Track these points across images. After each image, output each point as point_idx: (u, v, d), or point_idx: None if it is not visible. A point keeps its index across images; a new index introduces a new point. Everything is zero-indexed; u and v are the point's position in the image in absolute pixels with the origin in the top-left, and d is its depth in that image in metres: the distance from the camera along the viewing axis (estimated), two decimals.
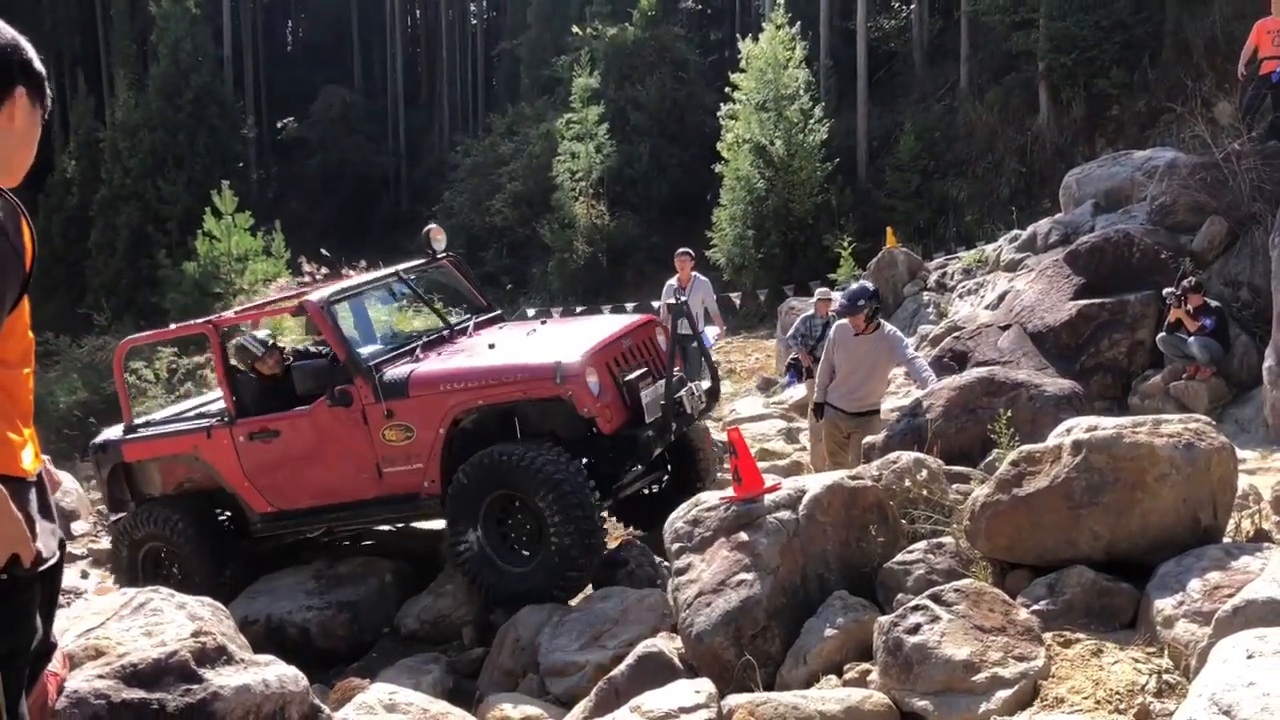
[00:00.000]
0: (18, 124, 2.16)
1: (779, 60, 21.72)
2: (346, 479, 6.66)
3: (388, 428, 6.45)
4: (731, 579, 4.42)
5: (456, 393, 6.35)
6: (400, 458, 6.47)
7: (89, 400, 22.43)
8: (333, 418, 6.56)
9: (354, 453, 6.57)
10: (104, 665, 2.80)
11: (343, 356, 6.59)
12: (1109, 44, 19.10)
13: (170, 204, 30.87)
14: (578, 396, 6.15)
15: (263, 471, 6.92)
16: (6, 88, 2.12)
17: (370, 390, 6.44)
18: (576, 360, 6.22)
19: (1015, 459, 4.18)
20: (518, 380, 6.30)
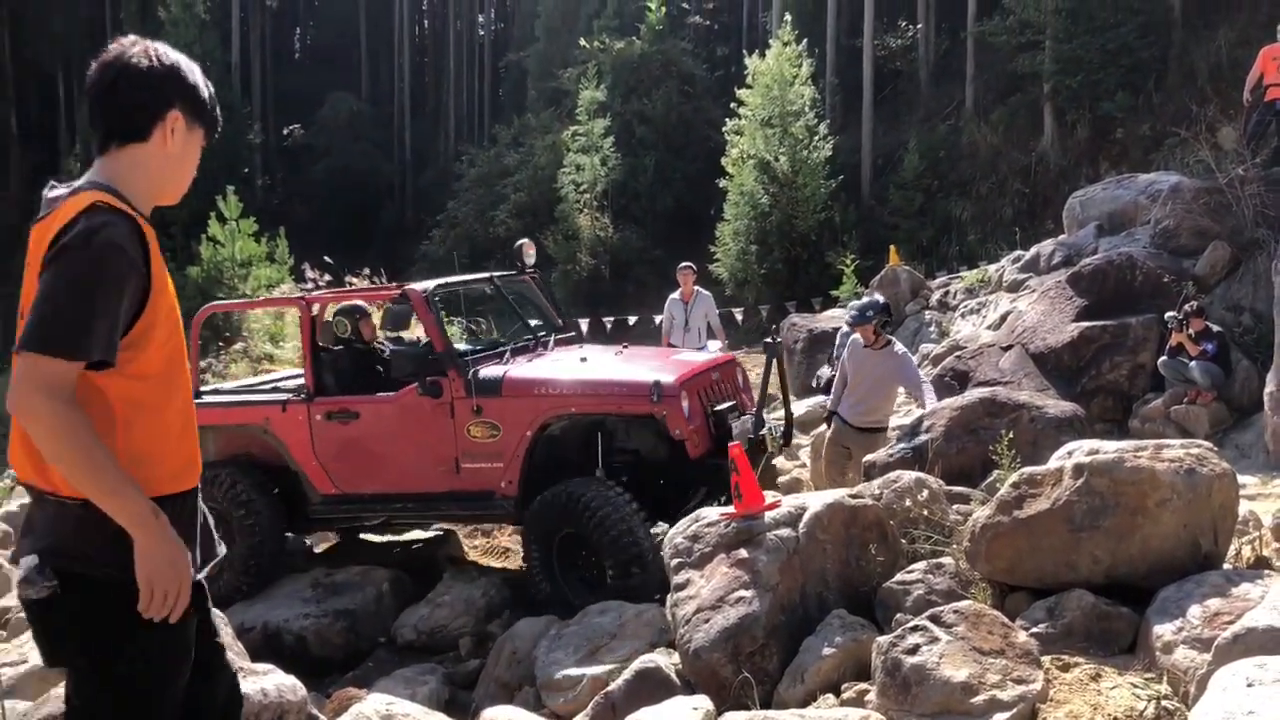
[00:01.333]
0: (172, 146, 2.27)
1: (785, 77, 21.80)
2: (421, 470, 6.66)
3: (474, 424, 6.48)
4: (730, 595, 4.41)
5: (550, 398, 6.43)
6: (482, 455, 6.50)
7: None
8: (419, 407, 6.58)
9: (434, 444, 6.59)
10: None
11: (440, 348, 6.62)
12: (1114, 67, 19.17)
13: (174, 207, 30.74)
14: (671, 417, 6.25)
15: (334, 452, 6.92)
16: (162, 110, 2.23)
17: (462, 384, 6.49)
18: (673, 381, 6.33)
19: (1016, 481, 4.18)
20: (614, 394, 6.40)
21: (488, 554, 8.16)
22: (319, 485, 6.98)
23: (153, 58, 2.24)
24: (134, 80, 2.22)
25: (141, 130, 2.24)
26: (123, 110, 2.23)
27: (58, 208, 2.17)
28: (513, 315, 7.95)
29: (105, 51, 2.28)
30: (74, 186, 2.22)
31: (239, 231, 23.09)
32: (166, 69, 2.25)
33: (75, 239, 2.07)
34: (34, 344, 2.04)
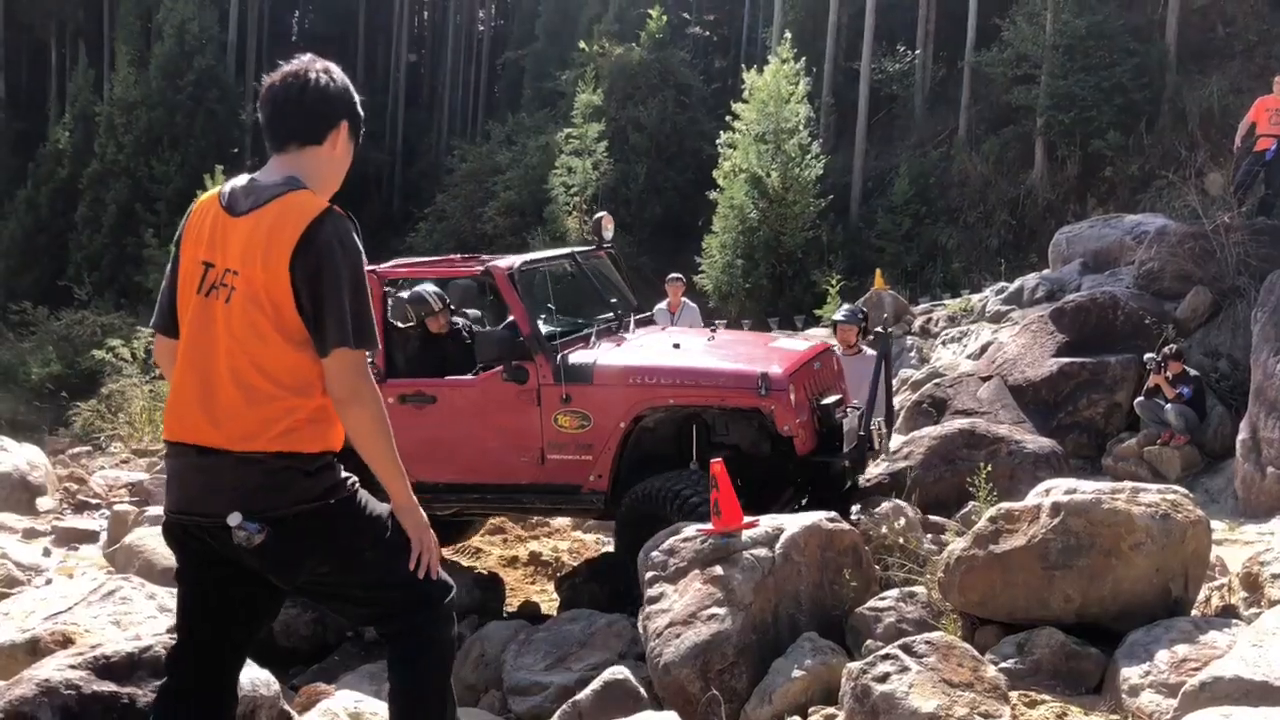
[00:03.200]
0: (338, 151, 2.67)
1: (781, 94, 21.87)
2: (503, 459, 6.25)
3: (562, 413, 6.07)
4: (703, 612, 4.43)
5: (647, 388, 6.02)
6: (570, 446, 6.09)
7: (63, 374, 22.26)
8: (503, 393, 6.16)
9: (518, 433, 6.19)
10: (75, 655, 2.78)
11: (526, 331, 6.18)
12: (1108, 106, 19.35)
13: (161, 184, 30.73)
14: (780, 412, 5.81)
15: (407, 437, 6.38)
16: (336, 122, 2.64)
17: (550, 370, 6.07)
18: (780, 373, 5.90)
19: (994, 515, 4.22)
20: (717, 385, 5.97)
21: (459, 553, 8.14)
22: (424, 474, 6.46)
23: (332, 77, 2.65)
24: (317, 94, 2.62)
25: (319, 136, 2.63)
26: (307, 118, 2.62)
27: (275, 203, 2.50)
28: (591, 294, 7.38)
29: (287, 67, 2.68)
30: (276, 182, 2.56)
31: None
32: (341, 88, 2.66)
33: (335, 240, 2.47)
34: (350, 340, 2.46)
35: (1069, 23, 19.91)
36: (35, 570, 7.46)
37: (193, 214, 2.67)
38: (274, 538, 2.44)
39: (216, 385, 2.48)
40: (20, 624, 3.47)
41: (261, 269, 2.46)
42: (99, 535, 8.89)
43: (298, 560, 2.53)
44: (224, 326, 2.49)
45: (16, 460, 10.26)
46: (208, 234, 2.57)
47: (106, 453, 14.04)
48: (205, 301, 2.53)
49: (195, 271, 2.56)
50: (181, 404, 2.54)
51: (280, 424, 2.47)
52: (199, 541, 2.54)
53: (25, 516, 9.43)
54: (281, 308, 2.46)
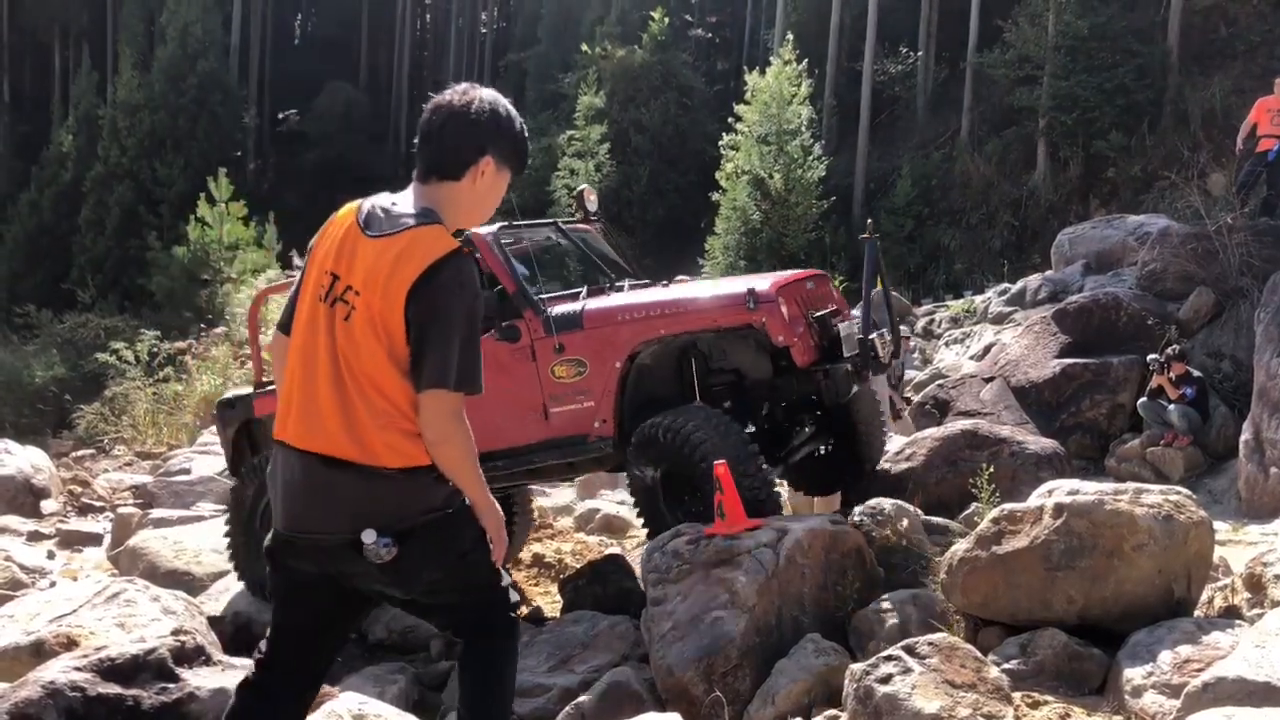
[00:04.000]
0: (479, 186, 2.67)
1: (784, 95, 21.89)
2: (510, 422, 6.09)
3: (558, 363, 5.97)
4: (707, 614, 4.43)
5: (636, 323, 5.90)
6: (569, 395, 5.99)
7: (66, 377, 22.26)
8: (497, 355, 5.93)
9: (518, 393, 6.06)
10: (80, 657, 2.79)
11: (511, 289, 6.07)
12: (1110, 107, 19.34)
13: (165, 186, 30.78)
14: (771, 324, 5.69)
15: None
16: (475, 158, 2.63)
17: (540, 323, 5.97)
18: (768, 287, 5.80)
19: (996, 517, 4.22)
20: (705, 309, 5.85)
21: None
22: None
23: (477, 108, 2.63)
24: (458, 128, 2.63)
25: (456, 173, 2.64)
26: (445, 153, 2.64)
27: (406, 234, 2.54)
28: (581, 264, 7.33)
29: (440, 96, 2.68)
30: (411, 212, 2.60)
31: (228, 214, 23.00)
32: (487, 119, 2.64)
33: (455, 283, 2.51)
34: (450, 383, 2.53)
35: (1071, 24, 19.90)
36: (39, 573, 7.48)
37: (332, 222, 2.71)
38: (403, 551, 2.52)
39: (346, 396, 2.54)
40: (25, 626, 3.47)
41: (380, 297, 2.51)
42: (103, 538, 8.91)
43: (419, 570, 2.59)
44: (345, 342, 2.55)
45: (21, 463, 10.28)
46: (339, 247, 2.61)
47: (110, 455, 14.06)
48: (329, 311, 2.58)
49: (323, 280, 2.61)
50: (313, 412, 2.57)
51: (404, 443, 2.55)
52: (308, 559, 2.59)
53: (29, 519, 9.45)
54: (394, 337, 2.52)
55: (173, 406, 14.90)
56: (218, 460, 11.10)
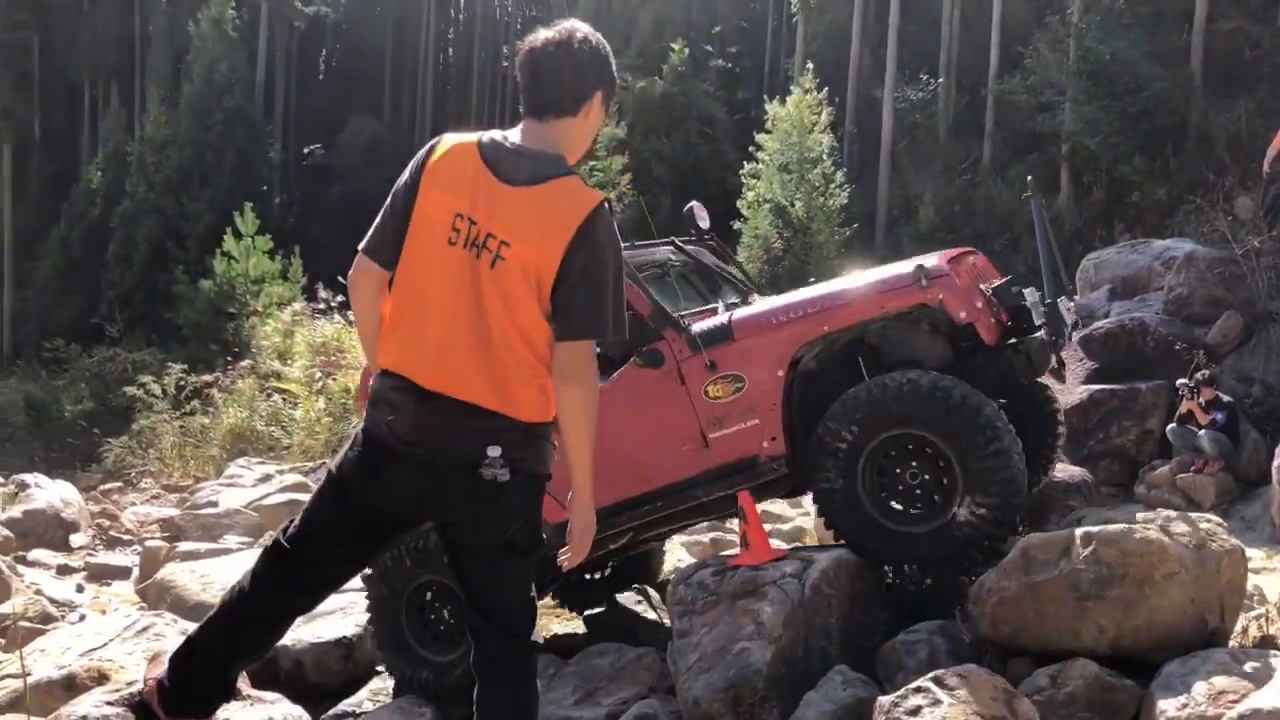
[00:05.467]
0: (590, 121, 2.76)
1: (804, 123, 21.98)
2: (665, 456, 5.50)
3: (711, 382, 5.35)
4: (733, 645, 4.41)
5: (793, 324, 5.27)
6: (731, 416, 5.34)
7: (95, 410, 22.51)
8: (641, 384, 5.48)
9: (671, 421, 5.45)
10: (112, 691, 2.81)
11: (647, 310, 5.45)
12: (1133, 131, 19.32)
13: (191, 221, 31.19)
14: (949, 300, 5.04)
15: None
16: (590, 94, 2.72)
17: (684, 342, 5.36)
18: (937, 261, 5.21)
19: (1025, 546, 4.18)
20: (869, 295, 5.22)
21: None
22: (547, 514, 5.87)
23: (594, 43, 2.71)
24: (579, 68, 2.68)
25: (575, 109, 2.71)
26: (563, 89, 2.69)
27: (553, 184, 2.63)
28: (704, 281, 6.71)
29: (549, 33, 2.70)
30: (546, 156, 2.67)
31: (254, 248, 23.27)
32: (602, 57, 2.72)
33: (607, 234, 2.63)
34: (602, 330, 2.65)
35: (1092, 49, 19.93)
36: (69, 606, 7.52)
37: (440, 157, 2.71)
38: (510, 483, 2.63)
39: (490, 348, 2.61)
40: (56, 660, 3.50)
41: (536, 248, 2.58)
42: (131, 571, 8.96)
43: (512, 511, 2.72)
44: (491, 289, 2.60)
45: (50, 497, 10.37)
46: (468, 189, 2.64)
47: (137, 489, 14.16)
48: (465, 257, 2.61)
49: (444, 220, 2.63)
50: (448, 356, 2.62)
51: (540, 397, 2.68)
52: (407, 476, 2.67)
53: (59, 553, 9.52)
54: (544, 286, 2.59)
55: (199, 439, 15.00)
56: (244, 493, 11.16)
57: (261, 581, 2.86)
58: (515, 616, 2.83)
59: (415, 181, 2.69)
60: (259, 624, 2.89)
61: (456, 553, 2.85)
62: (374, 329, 2.77)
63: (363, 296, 2.78)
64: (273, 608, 2.88)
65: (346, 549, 2.88)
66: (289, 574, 2.84)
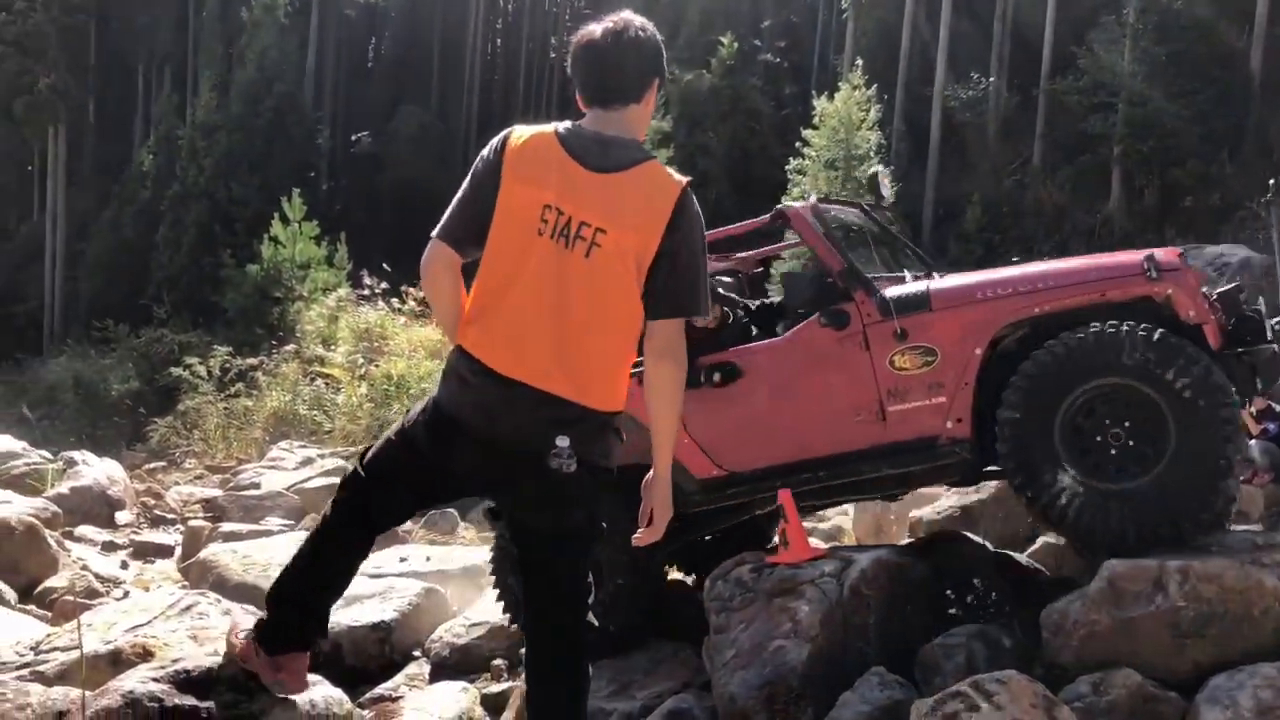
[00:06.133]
0: (649, 106, 2.85)
1: (852, 120, 21.84)
2: (834, 424, 5.17)
3: (899, 352, 4.99)
4: (769, 643, 4.40)
5: (1003, 300, 4.89)
6: (916, 390, 4.99)
7: (141, 390, 22.86)
8: (821, 344, 5.16)
9: (847, 389, 5.13)
10: (158, 668, 2.86)
11: (838, 266, 5.13)
12: (1188, 134, 19.01)
13: (240, 205, 31.55)
14: (1179, 297, 4.66)
15: (713, 422, 5.36)
16: (652, 80, 2.81)
17: (874, 305, 5.01)
18: (1165, 254, 4.83)
19: (1111, 576, 4.05)
20: (1089, 280, 4.84)
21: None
22: (695, 469, 5.38)
23: (651, 35, 2.80)
24: (641, 56, 2.76)
25: (638, 96, 2.79)
26: (628, 78, 2.77)
27: (640, 168, 2.71)
28: (888, 249, 6.27)
29: (607, 25, 2.77)
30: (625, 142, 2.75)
31: (300, 234, 23.51)
32: (657, 46, 2.81)
33: (697, 214, 2.75)
34: (700, 309, 2.76)
35: (1149, 49, 19.63)
36: (114, 582, 7.65)
37: (519, 145, 2.72)
38: (577, 474, 2.65)
39: (575, 338, 2.65)
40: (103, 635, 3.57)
41: (634, 232, 2.64)
42: (174, 550, 9.10)
43: (577, 501, 2.74)
44: (581, 279, 2.64)
45: (97, 474, 10.55)
46: (555, 179, 2.67)
47: (181, 468, 14.37)
48: (553, 247, 2.65)
49: (531, 211, 2.66)
50: (529, 345, 2.66)
51: (617, 387, 2.74)
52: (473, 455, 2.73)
53: (104, 529, 9.68)
54: (643, 269, 2.66)
55: (243, 421, 15.20)
56: (286, 475, 11.30)
57: (338, 509, 2.98)
58: (570, 601, 2.87)
59: (496, 171, 2.71)
60: (335, 553, 3.00)
61: (516, 534, 2.92)
62: (452, 312, 2.79)
63: (438, 281, 2.78)
64: (346, 537, 2.99)
65: (405, 496, 2.99)
66: (360, 503, 2.95)
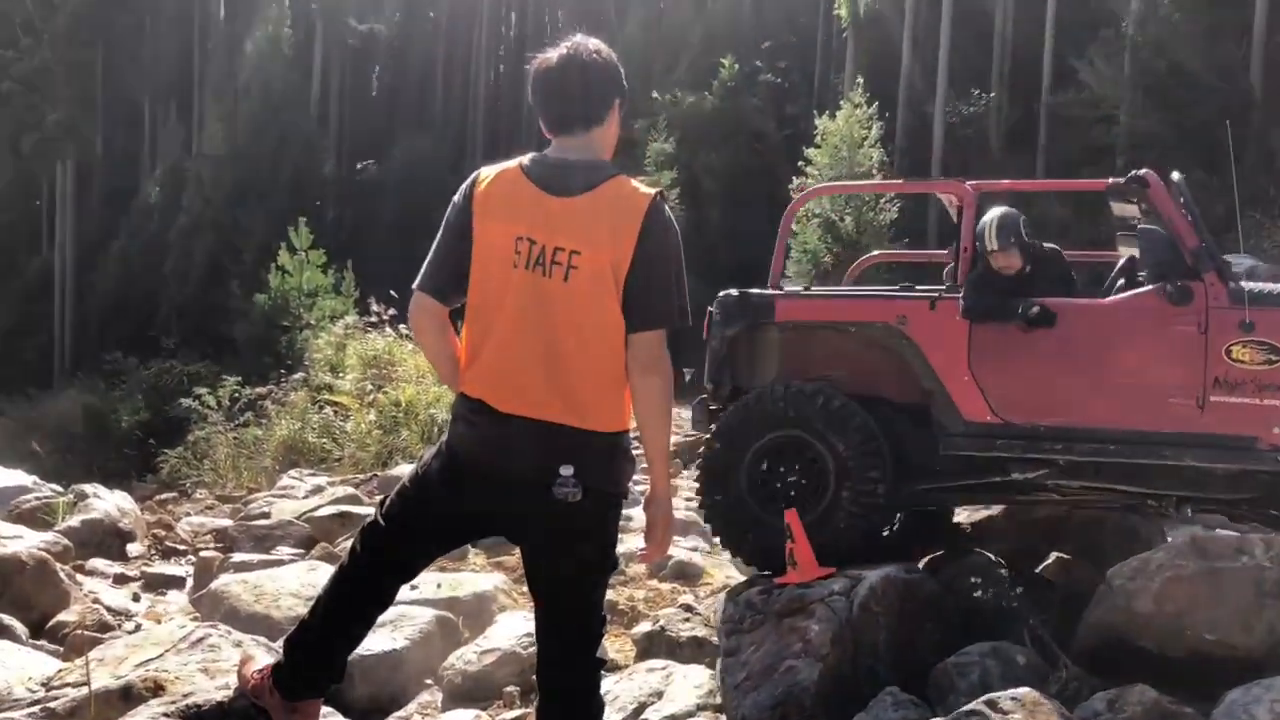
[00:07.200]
0: (613, 127, 2.87)
1: (854, 138, 21.92)
2: (1144, 399, 4.97)
3: (1240, 343, 4.82)
4: (780, 664, 4.39)
5: None
6: (1247, 386, 4.81)
7: (151, 421, 22.92)
8: (1153, 314, 4.98)
9: (1171, 366, 4.96)
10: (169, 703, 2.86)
11: (1194, 243, 4.97)
12: (1190, 146, 19.03)
13: (247, 235, 31.70)
14: None
15: (1002, 367, 5.18)
16: (613, 101, 2.83)
17: (1224, 290, 4.86)
18: None
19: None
20: None
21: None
22: (968, 410, 5.15)
23: (605, 55, 2.79)
24: (597, 80, 2.78)
25: (602, 118, 2.81)
26: (592, 101, 2.78)
27: (608, 185, 2.72)
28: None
29: (561, 51, 2.77)
30: (593, 164, 2.78)
31: (308, 262, 23.60)
32: (615, 67, 2.81)
33: (669, 222, 2.74)
34: (674, 319, 2.75)
35: (1149, 62, 19.69)
36: (125, 615, 7.63)
37: (485, 186, 2.76)
38: (582, 504, 2.63)
39: (565, 362, 2.65)
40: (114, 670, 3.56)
41: (609, 249, 2.65)
42: (185, 581, 9.08)
43: (585, 534, 2.72)
44: (565, 304, 2.65)
45: (108, 506, 10.54)
46: (525, 211, 2.69)
47: (191, 499, 14.36)
48: (530, 277, 2.66)
49: (505, 246, 2.68)
50: (521, 378, 2.67)
51: (616, 404, 2.72)
52: (485, 495, 2.72)
53: (115, 562, 9.66)
54: (621, 284, 2.67)
55: (252, 451, 15.20)
56: (296, 504, 11.29)
57: (357, 559, 2.97)
58: (583, 635, 2.85)
59: (467, 214, 2.75)
60: (354, 603, 2.99)
61: (527, 572, 2.89)
62: (446, 362, 2.84)
63: (427, 335, 2.86)
64: (366, 587, 2.98)
65: (423, 542, 2.97)
66: (380, 552, 2.93)
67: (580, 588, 2.81)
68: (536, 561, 2.83)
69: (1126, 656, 4.16)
